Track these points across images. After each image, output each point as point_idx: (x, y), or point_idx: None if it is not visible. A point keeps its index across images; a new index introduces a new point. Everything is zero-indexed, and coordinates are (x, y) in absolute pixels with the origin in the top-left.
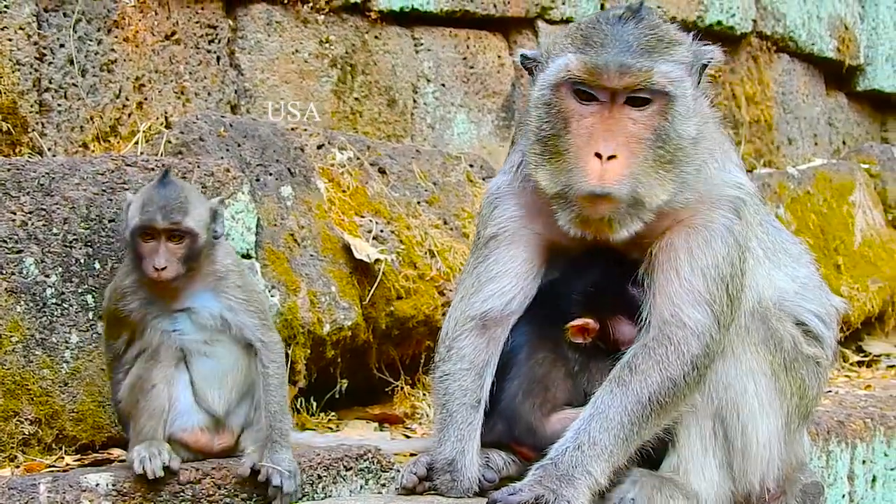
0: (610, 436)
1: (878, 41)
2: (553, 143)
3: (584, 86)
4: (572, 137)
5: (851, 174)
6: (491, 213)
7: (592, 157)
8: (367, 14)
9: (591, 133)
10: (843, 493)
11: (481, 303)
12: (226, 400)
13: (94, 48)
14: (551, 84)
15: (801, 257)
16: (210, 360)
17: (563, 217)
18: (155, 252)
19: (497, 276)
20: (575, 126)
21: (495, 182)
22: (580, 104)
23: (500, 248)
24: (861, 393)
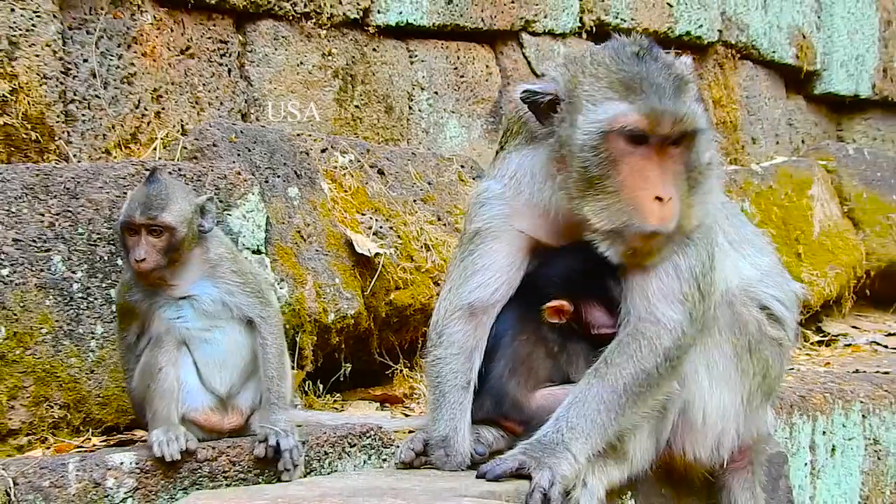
0: (587, 421)
1: (834, 48)
2: (601, 184)
3: (639, 133)
4: (625, 179)
5: (810, 170)
6: (479, 211)
7: (652, 200)
8: (365, 29)
9: (645, 176)
10: (806, 461)
11: (468, 293)
12: (228, 381)
13: (115, 62)
14: (603, 131)
15: (763, 247)
16: (210, 345)
17: (610, 250)
18: (136, 245)
19: (482, 269)
20: (626, 169)
21: (486, 185)
22: (630, 147)
23: (485, 243)
24: (821, 370)
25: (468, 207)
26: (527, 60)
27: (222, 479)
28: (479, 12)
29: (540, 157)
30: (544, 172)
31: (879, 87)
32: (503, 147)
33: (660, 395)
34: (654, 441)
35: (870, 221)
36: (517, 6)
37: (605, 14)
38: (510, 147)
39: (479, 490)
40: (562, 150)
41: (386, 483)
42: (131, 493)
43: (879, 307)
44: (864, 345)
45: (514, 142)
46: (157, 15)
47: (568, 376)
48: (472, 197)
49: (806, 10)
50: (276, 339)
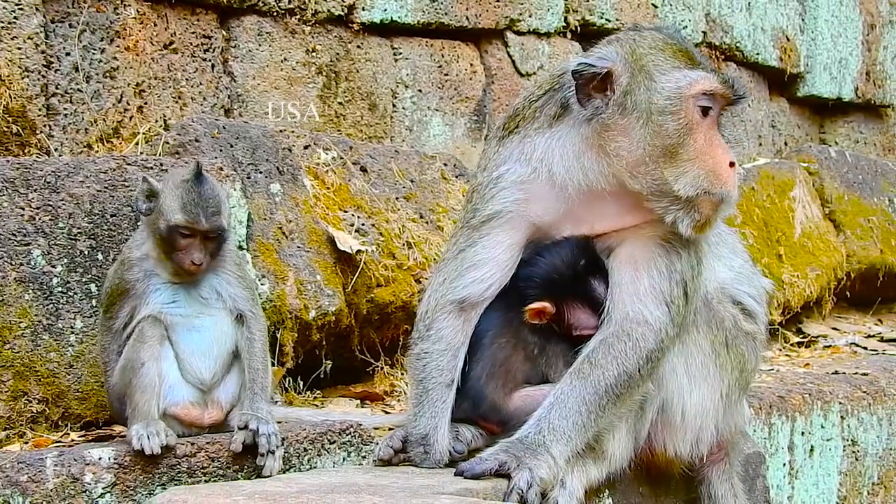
0: (569, 423)
1: (817, 51)
2: (679, 151)
3: (712, 100)
4: (701, 146)
5: (792, 172)
6: (496, 194)
7: (728, 166)
8: (350, 25)
9: (715, 143)
10: (784, 461)
11: (462, 288)
12: (212, 369)
13: (98, 56)
14: (685, 95)
15: (736, 247)
16: (197, 333)
17: (683, 219)
18: (193, 248)
19: (480, 263)
20: (701, 137)
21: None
22: (699, 116)
23: (492, 233)
24: (800, 371)
25: (476, 191)
26: (511, 59)
27: (201, 474)
28: (463, 10)
29: (572, 135)
30: (579, 150)
31: (862, 90)
32: (512, 132)
33: (638, 395)
34: (632, 439)
35: (851, 223)
36: (502, 5)
37: (590, 14)
38: (527, 131)
39: (456, 487)
40: (624, 119)
41: (364, 480)
42: (109, 488)
43: (859, 309)
44: (844, 346)
45: (534, 125)
46: (141, 9)
47: (546, 377)
48: (485, 180)
49: (790, 12)
50: (263, 335)
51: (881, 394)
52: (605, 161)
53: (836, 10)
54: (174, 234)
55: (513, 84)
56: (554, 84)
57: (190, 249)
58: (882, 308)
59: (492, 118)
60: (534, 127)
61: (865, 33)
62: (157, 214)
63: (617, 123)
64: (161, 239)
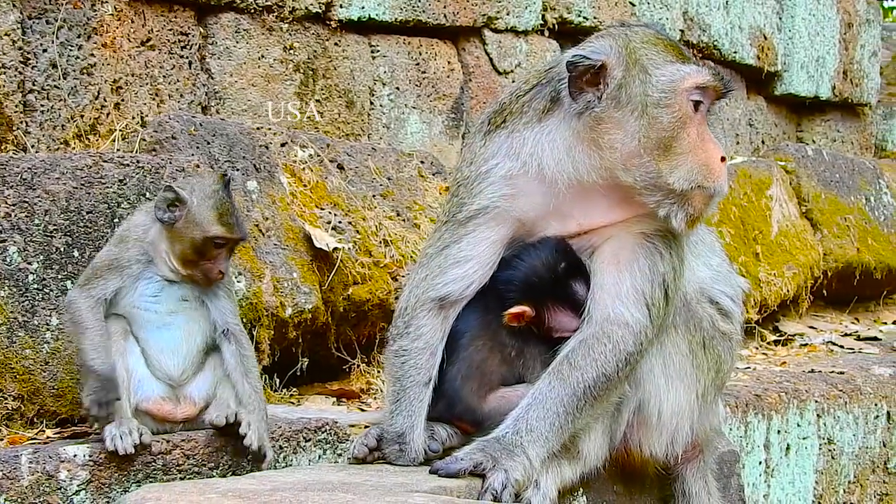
0: (546, 424)
1: (794, 50)
2: (672, 145)
3: (704, 94)
4: (693, 140)
5: (769, 170)
6: (483, 189)
7: (719, 161)
8: (327, 23)
9: (707, 138)
10: (760, 459)
11: (444, 285)
12: (181, 367)
13: (75, 53)
14: (679, 88)
15: (714, 245)
16: (167, 331)
17: (676, 213)
18: (221, 258)
19: (463, 261)
20: (693, 131)
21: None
22: (691, 111)
23: (479, 229)
24: (777, 369)
25: (463, 185)
26: (489, 57)
27: (176, 472)
28: (441, 8)
29: (563, 129)
30: (570, 144)
31: (839, 89)
32: (500, 127)
33: (615, 396)
34: (608, 439)
35: (828, 222)
36: (480, 3)
37: (568, 12)
38: (515, 126)
39: (430, 486)
40: (618, 112)
41: (338, 478)
42: (84, 485)
43: (836, 308)
44: (821, 345)
45: (522, 120)
46: (118, 6)
47: (523, 378)
48: (472, 174)
49: (767, 11)
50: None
51: (857, 392)
52: (598, 154)
53: (813, 8)
54: (208, 244)
55: (490, 82)
56: (542, 79)
57: (219, 259)
58: (858, 307)
59: (469, 116)
60: (522, 122)
61: (843, 32)
62: (187, 224)
63: (611, 116)
64: (192, 247)
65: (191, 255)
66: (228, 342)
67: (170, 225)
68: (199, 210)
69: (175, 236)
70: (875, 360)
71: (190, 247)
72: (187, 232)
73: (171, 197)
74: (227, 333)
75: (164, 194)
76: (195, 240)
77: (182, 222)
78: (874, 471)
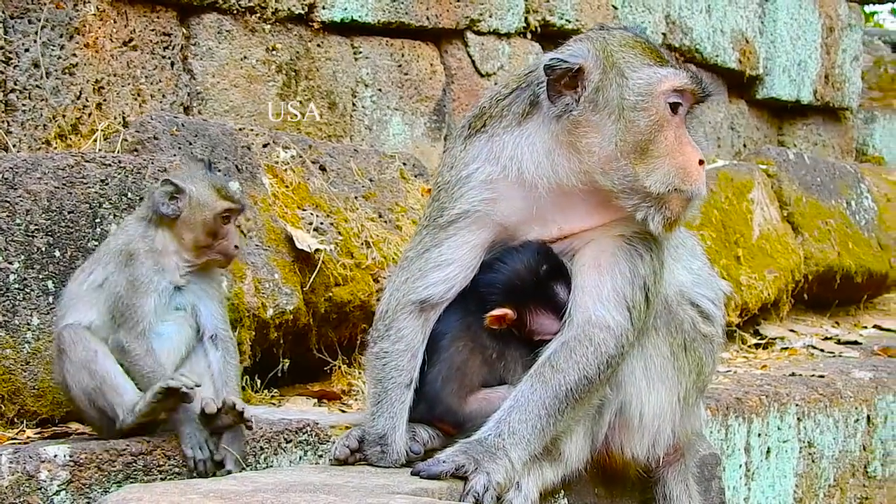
0: (528, 426)
1: (776, 53)
2: (649, 148)
3: (682, 97)
4: (671, 143)
5: (751, 174)
6: (464, 193)
7: (697, 164)
8: (310, 24)
9: (685, 141)
10: (741, 462)
11: (424, 288)
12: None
13: (57, 53)
14: (656, 91)
15: (695, 249)
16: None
17: (653, 216)
18: (232, 233)
19: (445, 264)
20: (671, 134)
21: (474, 168)
22: (669, 113)
23: (460, 232)
24: (757, 373)
25: (443, 189)
26: (471, 59)
27: (157, 472)
28: (424, 10)
29: (542, 133)
30: (549, 147)
31: (821, 93)
32: (479, 131)
33: (596, 398)
34: (589, 441)
35: (809, 226)
36: (462, 5)
37: (551, 14)
38: (495, 130)
39: (412, 487)
40: (595, 115)
41: (319, 479)
42: (64, 485)
43: (817, 311)
44: (801, 348)
45: (502, 124)
46: (101, 6)
47: (504, 380)
48: (453, 179)
49: (749, 15)
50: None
51: (838, 396)
52: (576, 158)
53: (795, 12)
54: (219, 221)
55: (473, 84)
56: (521, 83)
57: (230, 235)
58: (839, 310)
59: (451, 118)
60: (502, 125)
61: (824, 36)
62: (192, 210)
63: (588, 120)
64: (204, 230)
65: (204, 240)
66: (216, 348)
67: (173, 218)
68: (200, 192)
69: (183, 227)
70: (855, 363)
71: (202, 230)
72: (195, 217)
73: (170, 190)
74: (215, 339)
75: (163, 189)
76: (206, 220)
77: (187, 210)
78: (854, 474)
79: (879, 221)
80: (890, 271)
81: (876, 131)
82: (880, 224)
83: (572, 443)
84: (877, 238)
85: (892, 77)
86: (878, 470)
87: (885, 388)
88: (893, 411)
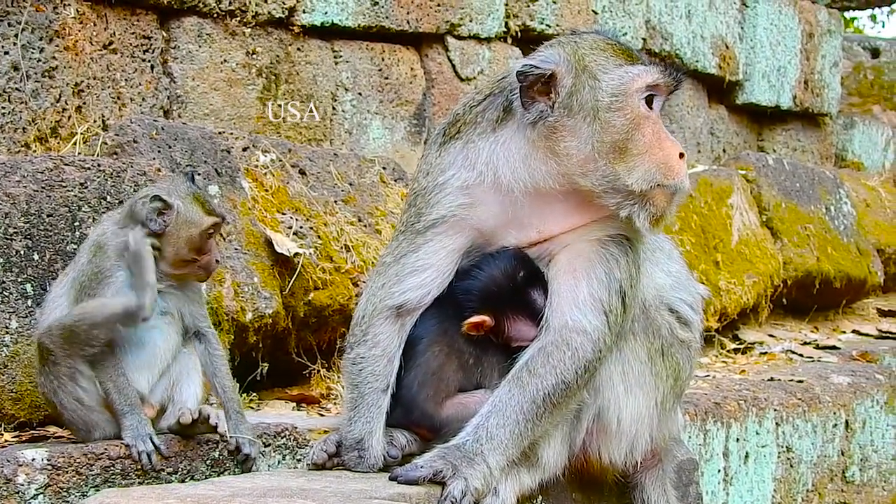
0: (506, 432)
1: (756, 59)
2: (628, 146)
3: (656, 91)
4: (650, 139)
5: (730, 179)
6: (441, 199)
7: (678, 157)
8: (290, 28)
9: (663, 136)
10: (719, 467)
11: (401, 294)
12: (151, 383)
13: (37, 56)
14: (629, 90)
15: (672, 252)
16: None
17: (638, 213)
18: (214, 247)
19: (421, 269)
20: (648, 130)
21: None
22: (646, 110)
23: (437, 238)
24: (736, 377)
25: (420, 195)
26: (451, 64)
27: (134, 476)
28: (404, 14)
29: (517, 139)
30: (526, 153)
31: (800, 99)
32: (454, 138)
33: (574, 403)
34: (567, 446)
35: (788, 231)
36: (443, 9)
37: (531, 19)
38: (470, 136)
39: (389, 492)
40: (570, 120)
41: (297, 484)
42: (42, 489)
43: (796, 316)
44: (780, 353)
45: (477, 130)
46: (81, 9)
47: (480, 386)
48: (429, 185)
49: (729, 20)
50: (224, 352)
51: (816, 401)
52: (554, 162)
53: (774, 18)
54: (204, 237)
55: (453, 88)
56: (495, 89)
57: (213, 249)
58: (818, 315)
59: (432, 122)
60: (477, 132)
61: (804, 42)
62: (178, 226)
63: (564, 125)
64: (189, 246)
65: (188, 255)
66: (199, 342)
67: (159, 234)
68: (188, 209)
69: (166, 242)
70: (834, 368)
71: (186, 246)
72: (181, 233)
73: (158, 206)
74: (197, 335)
75: (151, 205)
76: (192, 237)
77: (173, 227)
78: (832, 479)
79: (858, 227)
80: (869, 277)
81: (855, 137)
82: (859, 229)
83: (550, 448)
84: (856, 243)
85: (872, 83)
86: (856, 475)
87: (864, 393)
88: (871, 416)
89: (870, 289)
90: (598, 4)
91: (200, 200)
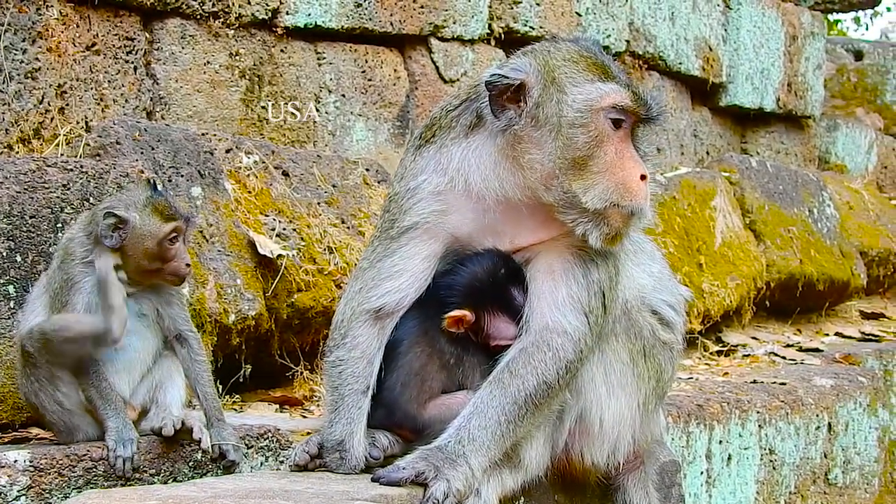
0: (488, 433)
1: (739, 61)
2: (588, 164)
3: (628, 109)
4: (611, 159)
5: (713, 181)
6: (413, 206)
7: (639, 179)
8: (273, 29)
9: (627, 156)
10: (702, 469)
11: (378, 298)
12: (132, 386)
13: (20, 57)
14: (594, 108)
15: (653, 254)
16: (123, 352)
17: (592, 231)
18: (181, 252)
19: (397, 274)
20: (611, 149)
21: (422, 179)
22: (611, 129)
23: (411, 244)
24: (719, 380)
25: (394, 201)
26: (435, 66)
27: (116, 478)
28: (388, 16)
29: (488, 146)
30: (495, 161)
31: (784, 101)
32: (429, 142)
33: (556, 404)
34: (549, 448)
35: (771, 234)
36: (426, 11)
37: (514, 21)
38: (444, 141)
39: (371, 494)
40: (536, 132)
41: (279, 485)
42: (24, 491)
43: (779, 318)
44: (763, 355)
45: (450, 135)
46: (63, 10)
47: (462, 387)
48: (402, 190)
49: (713, 23)
50: (205, 356)
51: (799, 403)
52: (520, 173)
53: (758, 21)
54: (164, 245)
55: (436, 90)
56: (471, 94)
57: (179, 254)
58: (801, 318)
59: (415, 124)
60: (450, 137)
61: (787, 44)
62: (135, 239)
63: (530, 136)
64: (148, 257)
65: (150, 264)
66: (181, 345)
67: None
68: (144, 221)
69: (126, 255)
70: (817, 371)
71: (145, 257)
72: (140, 244)
73: (113, 222)
74: (179, 338)
75: (105, 222)
76: (149, 249)
77: (130, 239)
78: (815, 482)
79: (841, 229)
80: (852, 279)
81: (838, 139)
82: (842, 232)
83: (532, 449)
84: (839, 246)
85: (855, 85)
86: (838, 477)
87: (846, 395)
88: (854, 419)
89: (853, 291)
90: (582, 6)
91: (159, 208)
